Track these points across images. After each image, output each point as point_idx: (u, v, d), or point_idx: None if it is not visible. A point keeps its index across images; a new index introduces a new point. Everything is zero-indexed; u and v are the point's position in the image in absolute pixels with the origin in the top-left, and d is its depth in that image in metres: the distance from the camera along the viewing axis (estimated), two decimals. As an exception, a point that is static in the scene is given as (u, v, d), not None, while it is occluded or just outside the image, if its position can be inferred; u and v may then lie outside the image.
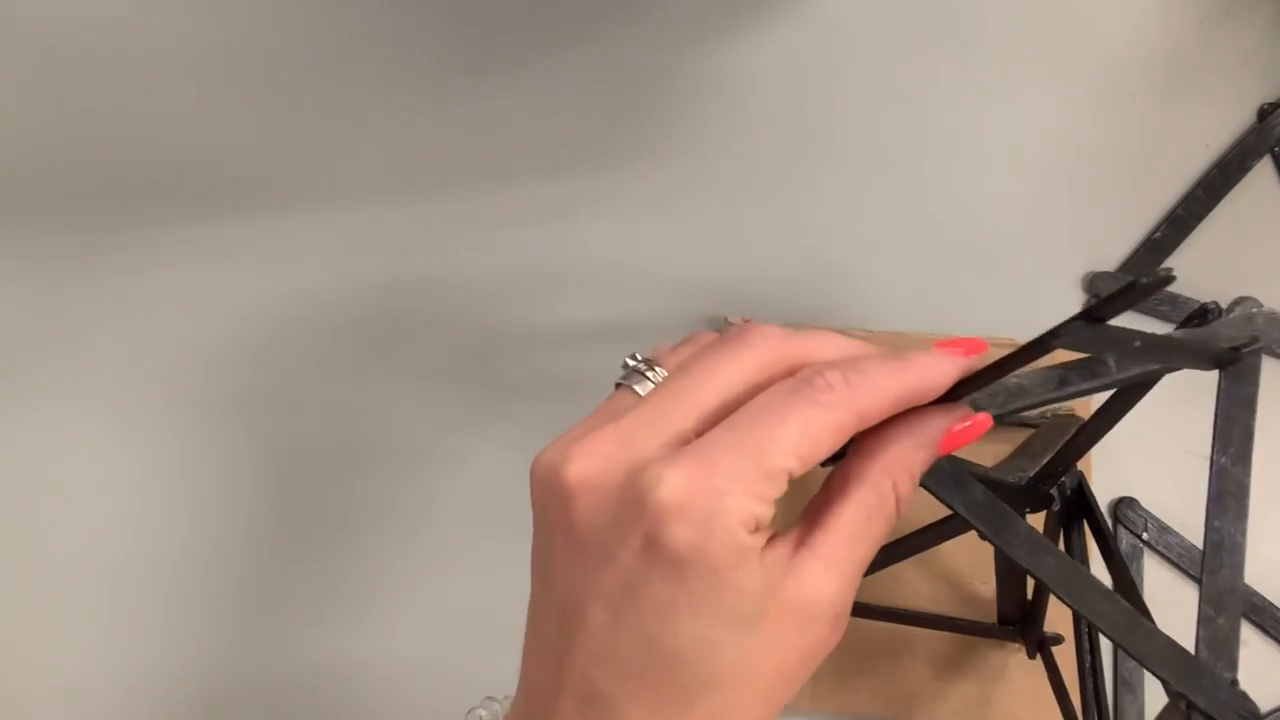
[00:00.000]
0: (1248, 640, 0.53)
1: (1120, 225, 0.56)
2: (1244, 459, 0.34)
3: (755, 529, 0.28)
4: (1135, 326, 0.54)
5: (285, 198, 0.58)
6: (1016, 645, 0.51)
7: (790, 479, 0.28)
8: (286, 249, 0.58)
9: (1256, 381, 0.34)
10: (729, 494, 0.27)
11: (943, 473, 0.34)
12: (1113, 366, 0.33)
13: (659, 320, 0.56)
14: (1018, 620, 0.50)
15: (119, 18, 0.58)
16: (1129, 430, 0.43)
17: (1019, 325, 0.55)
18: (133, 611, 0.57)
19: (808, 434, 0.28)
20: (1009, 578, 0.48)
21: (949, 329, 0.55)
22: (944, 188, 0.56)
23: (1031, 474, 0.42)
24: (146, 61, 0.58)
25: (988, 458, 0.46)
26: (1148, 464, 0.54)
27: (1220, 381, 0.35)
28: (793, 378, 0.29)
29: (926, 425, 0.30)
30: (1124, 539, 0.54)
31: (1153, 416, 0.51)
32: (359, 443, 0.57)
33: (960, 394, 0.31)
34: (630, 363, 0.32)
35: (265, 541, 0.57)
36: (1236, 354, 0.33)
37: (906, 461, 0.30)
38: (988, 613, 0.52)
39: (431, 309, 0.57)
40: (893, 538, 0.46)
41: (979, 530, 0.33)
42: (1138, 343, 0.29)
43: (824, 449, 0.28)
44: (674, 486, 0.27)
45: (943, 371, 0.30)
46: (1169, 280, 0.25)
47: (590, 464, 0.29)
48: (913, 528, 0.45)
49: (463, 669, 0.50)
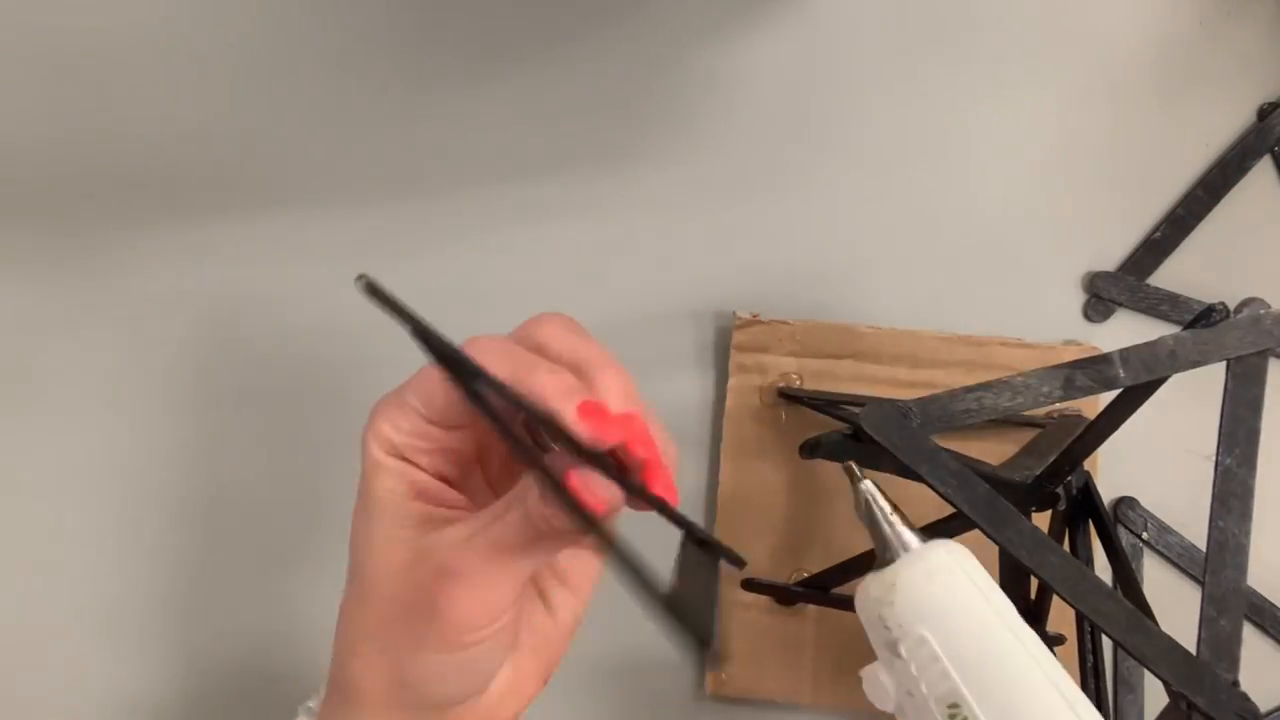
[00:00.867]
0: (1246, 639, 0.53)
1: (1120, 225, 0.56)
2: (1249, 460, 0.34)
3: (390, 450, 0.35)
4: (1135, 327, 0.55)
5: (284, 197, 0.58)
6: (1018, 645, 0.51)
7: (423, 419, 0.35)
8: (286, 248, 0.58)
9: (1263, 384, 0.34)
10: (376, 414, 0.35)
11: (946, 471, 0.34)
12: (1119, 368, 0.33)
13: (660, 319, 0.56)
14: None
15: (118, 18, 0.58)
16: (1129, 430, 0.43)
17: (1020, 324, 0.55)
18: (131, 606, 0.57)
19: (426, 380, 0.36)
20: (1012, 578, 0.48)
21: (950, 327, 0.55)
22: (945, 187, 0.56)
23: (1037, 473, 0.42)
24: (146, 61, 0.58)
25: (994, 457, 0.46)
26: (1148, 464, 0.54)
27: (1227, 383, 0.35)
28: None
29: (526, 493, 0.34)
30: (1124, 539, 0.54)
31: (1153, 417, 0.51)
32: (354, 437, 0.57)
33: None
34: None
35: (264, 529, 0.57)
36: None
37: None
38: (989, 612, 0.52)
39: (430, 308, 0.57)
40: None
41: (980, 528, 0.33)
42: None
43: (438, 394, 0.35)
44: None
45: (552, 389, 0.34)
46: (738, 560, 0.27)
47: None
48: (916, 524, 0.45)
49: None
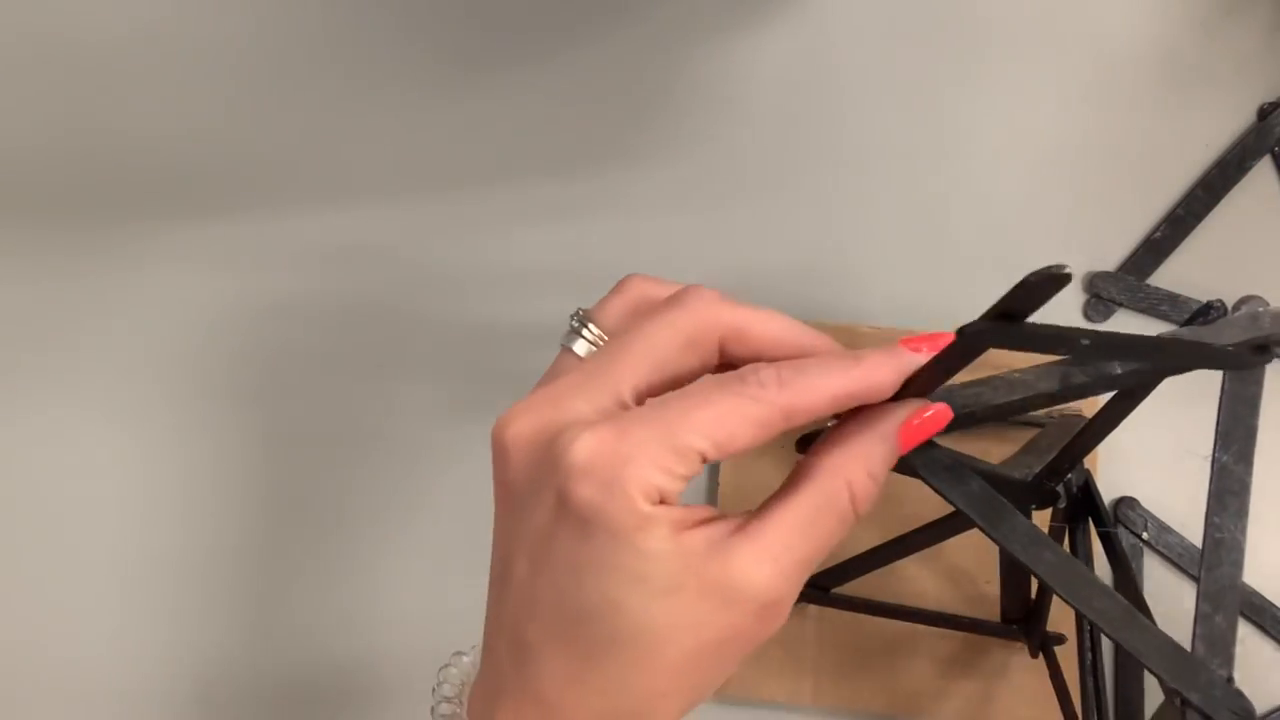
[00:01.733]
0: (1245, 640, 0.53)
1: (1120, 225, 0.56)
2: (1246, 458, 0.34)
3: (659, 501, 0.28)
4: (1136, 327, 0.55)
5: (284, 197, 0.58)
6: (1019, 645, 0.52)
7: (704, 461, 0.29)
8: (285, 247, 0.58)
9: (1261, 381, 0.34)
10: (633, 461, 0.28)
11: (941, 466, 0.34)
12: (1116, 364, 0.33)
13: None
14: (1021, 619, 0.50)
15: (119, 18, 0.58)
16: (1129, 430, 0.43)
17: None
18: (135, 597, 0.57)
19: (724, 420, 0.29)
20: (1012, 576, 0.48)
21: (950, 327, 0.55)
22: (944, 186, 0.56)
23: (1037, 470, 0.42)
24: (147, 62, 0.58)
25: (994, 457, 0.46)
26: (1148, 464, 0.54)
27: (1225, 381, 0.35)
28: (731, 373, 0.30)
29: (881, 420, 0.31)
30: (1124, 539, 0.54)
31: (1153, 416, 0.51)
32: (357, 436, 0.57)
33: (912, 394, 0.31)
34: (573, 322, 0.34)
35: (264, 524, 0.57)
36: (1266, 355, 0.33)
37: (862, 456, 0.31)
38: (992, 612, 0.52)
39: (430, 308, 0.57)
40: (895, 533, 0.46)
41: (975, 523, 0.33)
42: (1085, 340, 0.28)
43: (741, 438, 0.29)
44: (584, 448, 0.28)
45: (888, 370, 0.31)
46: (1063, 278, 0.24)
47: (524, 424, 0.31)
48: (916, 523, 0.45)
49: (458, 630, 0.51)
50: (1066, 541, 0.46)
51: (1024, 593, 0.49)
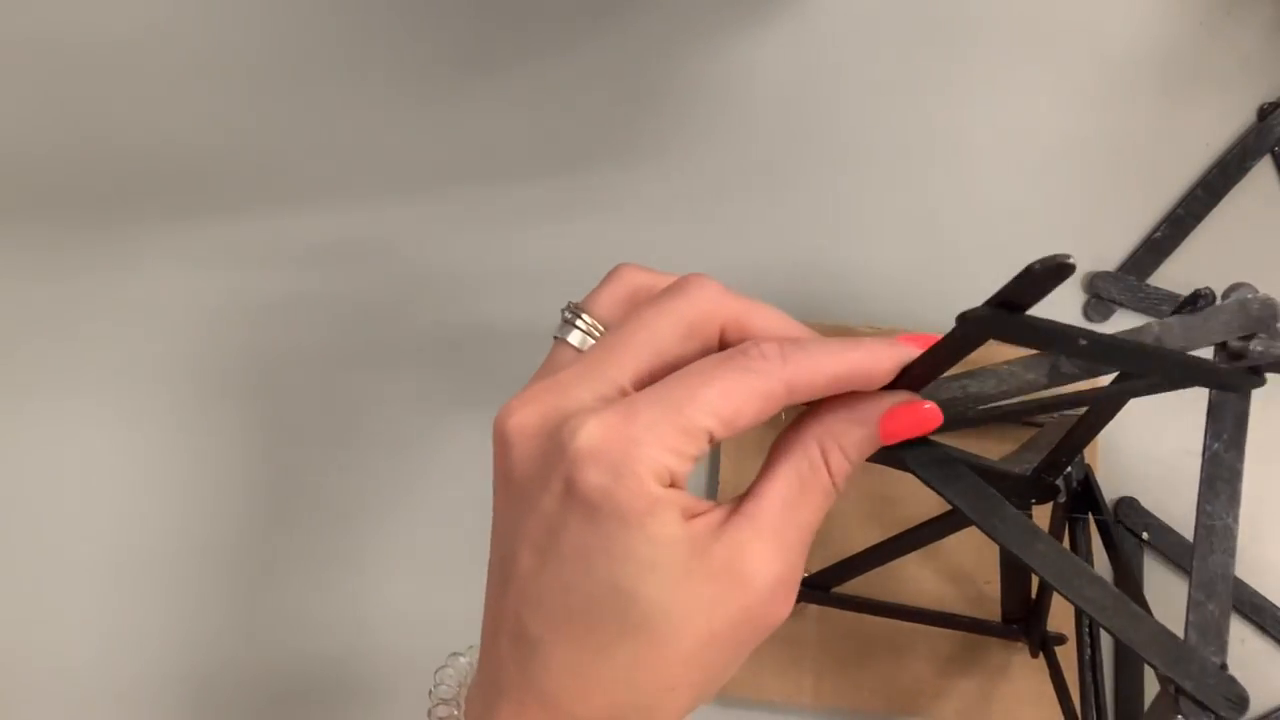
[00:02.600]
0: (1245, 640, 0.53)
1: (1120, 225, 0.56)
2: (1237, 444, 0.34)
3: (670, 483, 0.28)
4: (1136, 325, 0.55)
5: (283, 196, 0.58)
6: (1020, 644, 0.51)
7: (712, 440, 0.29)
8: (285, 247, 0.58)
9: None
10: (642, 443, 0.28)
11: (930, 459, 0.34)
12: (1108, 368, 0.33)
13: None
14: (1021, 619, 0.50)
15: (117, 18, 0.58)
16: (1129, 430, 0.43)
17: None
18: (134, 591, 0.57)
19: (730, 396, 0.29)
20: (1012, 575, 0.48)
21: (950, 327, 0.55)
22: (944, 187, 0.56)
23: (1036, 465, 0.42)
24: (147, 62, 0.59)
25: (995, 456, 0.46)
26: (1148, 464, 0.54)
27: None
28: (731, 349, 0.30)
29: (863, 404, 0.31)
30: (1124, 539, 0.54)
31: (1153, 417, 0.52)
32: (355, 434, 0.57)
33: (907, 386, 0.31)
34: (565, 314, 0.34)
35: (261, 522, 0.57)
36: (1258, 377, 0.33)
37: (838, 433, 0.31)
38: (992, 612, 0.52)
39: (429, 307, 0.58)
40: (894, 531, 0.46)
41: (966, 515, 0.33)
42: (1083, 341, 0.28)
43: (748, 414, 0.29)
44: (591, 434, 0.28)
45: (884, 356, 0.31)
46: (1066, 268, 0.24)
47: (527, 414, 0.30)
48: (915, 521, 0.45)
49: (447, 629, 0.51)
50: (1067, 537, 0.46)
51: (1024, 592, 0.49)
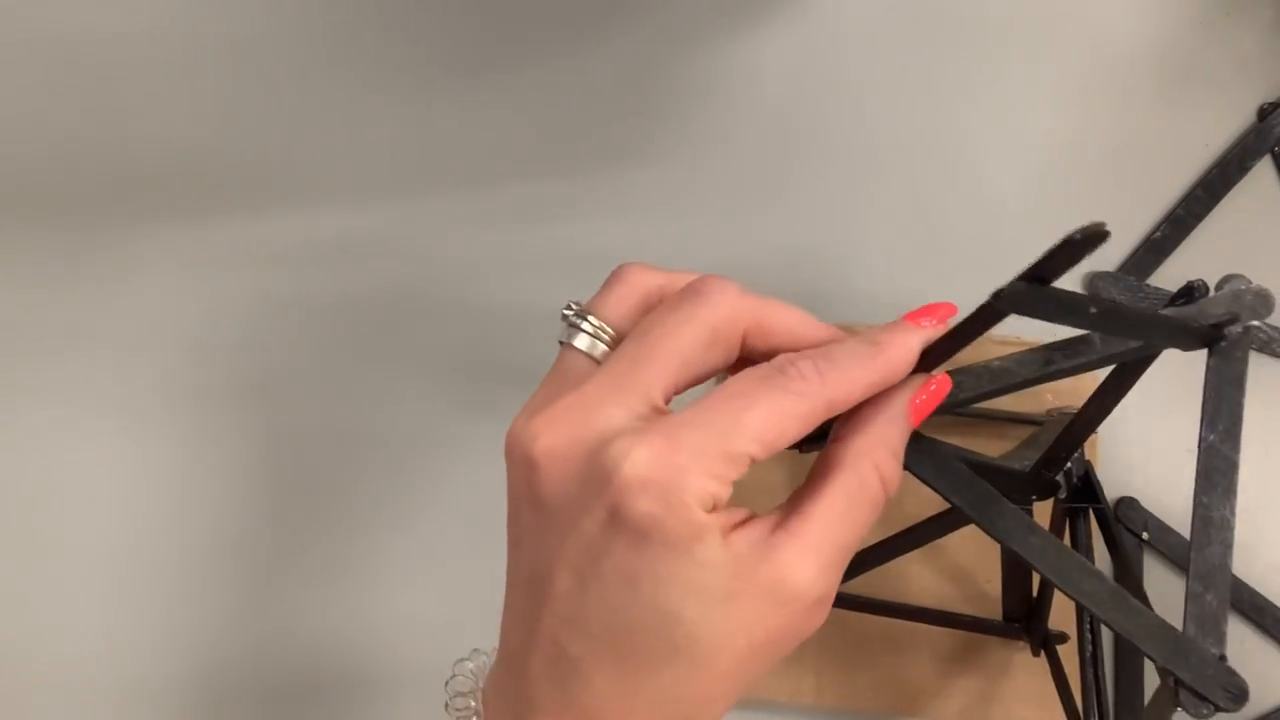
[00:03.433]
0: (1246, 640, 0.53)
1: (1120, 225, 0.56)
2: (1233, 436, 0.34)
3: (713, 508, 0.28)
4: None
5: (284, 196, 0.59)
6: (1021, 643, 0.51)
7: (752, 462, 0.29)
8: (285, 247, 0.58)
9: (1245, 358, 0.34)
10: (689, 471, 0.28)
11: (926, 457, 0.34)
12: (1097, 344, 0.33)
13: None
14: (1023, 617, 0.50)
15: (118, 18, 0.59)
16: (1129, 430, 0.43)
17: (1021, 325, 0.55)
18: (135, 593, 0.57)
19: (773, 420, 0.29)
20: (1014, 574, 0.48)
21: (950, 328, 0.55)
22: (944, 187, 0.56)
23: (1035, 461, 0.42)
24: (145, 61, 0.59)
25: (994, 454, 0.46)
26: (1148, 464, 0.54)
27: (1209, 359, 0.35)
28: (766, 364, 0.30)
29: (894, 400, 0.31)
30: (1124, 539, 0.54)
31: (1153, 417, 0.52)
32: (357, 436, 0.57)
33: (928, 364, 0.32)
34: (568, 315, 0.33)
35: (264, 524, 0.57)
36: (1219, 332, 0.33)
37: (883, 439, 0.31)
38: (993, 611, 0.52)
39: (429, 308, 0.58)
40: (895, 530, 0.46)
41: (962, 510, 0.33)
42: (1093, 309, 0.29)
43: (789, 436, 0.29)
44: (639, 461, 0.28)
45: (909, 351, 0.31)
46: (1104, 235, 0.25)
47: (555, 436, 0.30)
48: (914, 520, 0.45)
49: (457, 628, 0.50)
50: (1067, 532, 0.46)
51: (1025, 591, 0.49)
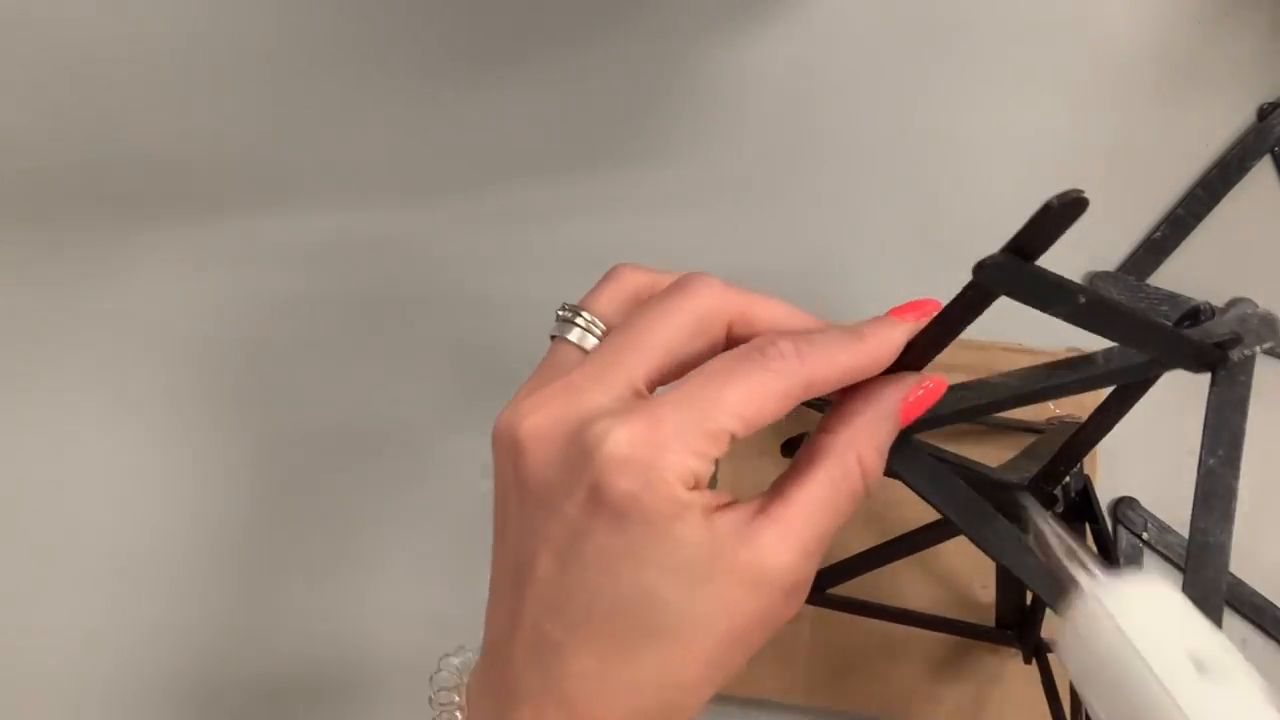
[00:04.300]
0: (1247, 640, 0.53)
1: (1120, 225, 0.56)
2: (1233, 461, 0.34)
3: (694, 485, 0.28)
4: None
5: (283, 196, 0.58)
6: (1013, 650, 0.51)
7: (732, 440, 0.29)
8: (284, 248, 0.58)
9: (1249, 383, 0.34)
10: (670, 449, 0.28)
11: (922, 468, 0.34)
12: (1101, 362, 0.33)
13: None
14: (1015, 625, 0.50)
15: (117, 19, 0.58)
16: (1129, 431, 0.43)
17: (1021, 327, 0.55)
18: (134, 590, 0.57)
19: (753, 397, 0.29)
20: (1008, 582, 0.48)
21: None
22: (943, 188, 0.56)
23: (1034, 474, 0.42)
24: (144, 61, 0.58)
25: (992, 463, 0.46)
26: (1148, 464, 0.54)
27: (1211, 382, 0.34)
28: (747, 344, 0.30)
29: (884, 397, 0.32)
30: (1124, 539, 0.54)
31: (1153, 417, 0.51)
32: (353, 435, 0.57)
33: (911, 358, 0.32)
34: (561, 312, 0.34)
35: (261, 524, 0.57)
36: (1223, 353, 0.33)
37: (871, 433, 0.31)
38: (986, 617, 0.51)
39: (429, 308, 0.58)
40: (892, 533, 0.46)
41: (958, 526, 0.33)
42: (1082, 299, 0.28)
43: (769, 413, 0.29)
44: (619, 440, 0.28)
45: (891, 340, 0.31)
46: (1083, 203, 0.24)
47: (541, 418, 0.30)
48: (912, 527, 0.45)
49: (447, 624, 0.51)
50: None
51: (1019, 598, 0.49)
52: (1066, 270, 0.56)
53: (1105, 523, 0.47)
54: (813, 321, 0.33)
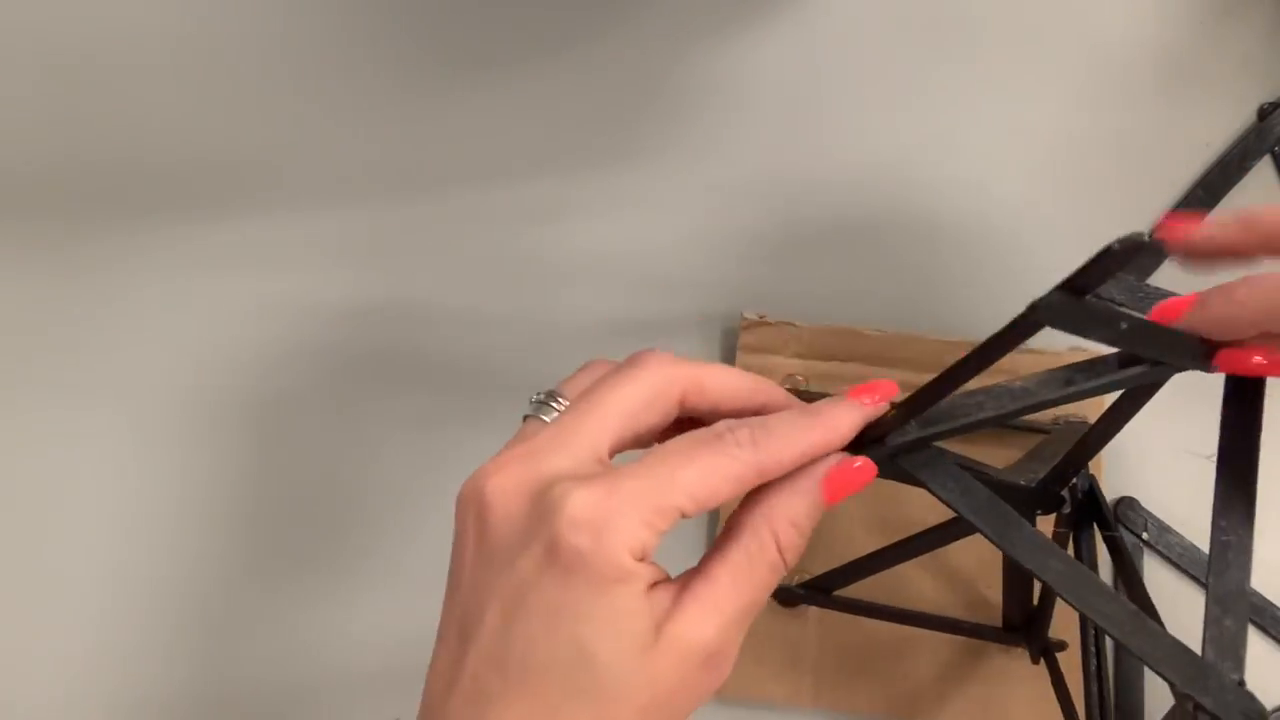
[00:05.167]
0: (1247, 639, 0.53)
1: (1120, 225, 0.55)
2: (1251, 459, 0.34)
3: (641, 557, 0.30)
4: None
5: (283, 198, 0.58)
6: (1020, 650, 0.51)
7: (682, 516, 0.30)
8: (284, 250, 0.58)
9: (1264, 381, 0.34)
10: (623, 515, 0.29)
11: (947, 475, 0.33)
12: (1116, 365, 0.33)
13: (659, 322, 0.56)
14: (1023, 625, 0.50)
15: (118, 18, 0.58)
16: (1129, 431, 0.43)
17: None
18: (127, 611, 0.56)
19: (707, 479, 0.30)
20: (1015, 581, 0.48)
21: (949, 329, 0.55)
22: (944, 188, 0.56)
23: (1042, 476, 0.42)
24: (145, 62, 0.58)
25: (999, 462, 0.46)
26: (1148, 464, 0.54)
27: (1226, 381, 0.35)
28: (705, 429, 0.32)
29: (803, 474, 0.32)
30: (1125, 539, 0.54)
31: (1153, 417, 0.51)
32: (356, 442, 0.57)
33: (951, 380, 0.31)
34: (536, 397, 0.35)
35: (260, 541, 0.56)
36: None
37: (784, 509, 0.32)
38: (993, 617, 0.51)
39: (430, 309, 0.57)
40: (898, 533, 0.46)
41: (983, 533, 0.33)
42: (1124, 325, 0.28)
43: (721, 495, 0.31)
44: (579, 500, 0.30)
45: (847, 423, 0.33)
46: (1142, 244, 0.25)
47: (505, 478, 0.31)
48: (918, 527, 0.45)
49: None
50: (1071, 547, 0.46)
51: (1026, 598, 0.49)
52: (1066, 271, 0.56)
53: (1115, 525, 0.47)
54: (764, 386, 0.34)
